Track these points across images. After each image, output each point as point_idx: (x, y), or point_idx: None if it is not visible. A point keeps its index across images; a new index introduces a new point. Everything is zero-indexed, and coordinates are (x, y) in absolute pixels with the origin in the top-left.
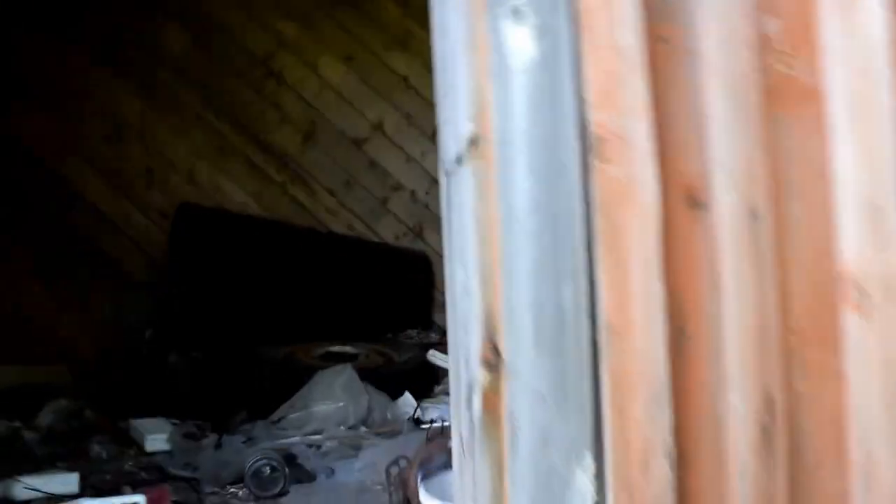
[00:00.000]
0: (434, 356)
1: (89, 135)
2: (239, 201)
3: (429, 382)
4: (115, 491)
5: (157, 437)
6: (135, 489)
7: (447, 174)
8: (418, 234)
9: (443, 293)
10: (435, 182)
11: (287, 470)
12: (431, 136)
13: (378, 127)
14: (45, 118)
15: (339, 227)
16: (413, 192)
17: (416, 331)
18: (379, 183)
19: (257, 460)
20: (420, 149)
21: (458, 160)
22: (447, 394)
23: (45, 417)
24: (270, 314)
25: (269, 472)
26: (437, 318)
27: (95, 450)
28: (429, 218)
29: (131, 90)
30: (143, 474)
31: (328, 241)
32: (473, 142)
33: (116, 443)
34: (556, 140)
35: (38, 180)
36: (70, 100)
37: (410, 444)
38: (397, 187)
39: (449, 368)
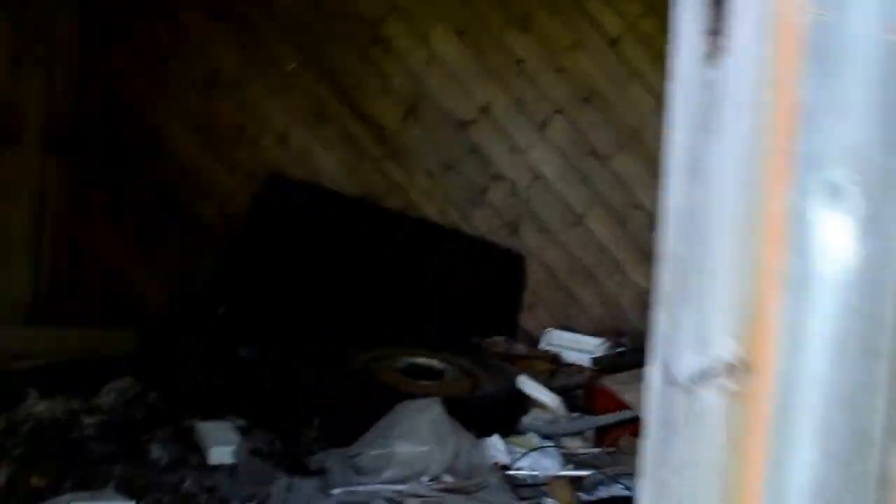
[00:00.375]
0: (524, 384)
1: (181, 83)
2: (330, 171)
3: (516, 411)
4: None
5: (222, 450)
6: None
7: (667, 382)
8: (514, 230)
9: (533, 295)
10: (538, 177)
11: None
12: (541, 125)
13: (485, 110)
14: (137, 61)
15: (431, 212)
16: (514, 185)
17: (502, 338)
18: (479, 170)
19: None
20: (527, 139)
21: (699, 379)
22: (535, 431)
23: (107, 397)
24: (350, 302)
25: None
26: (523, 320)
27: (155, 452)
28: (527, 214)
29: (230, 39)
30: (204, 499)
31: (419, 228)
32: (734, 368)
33: (178, 442)
34: (863, 391)
35: (124, 124)
36: (164, 43)
37: None
38: (498, 177)
39: None
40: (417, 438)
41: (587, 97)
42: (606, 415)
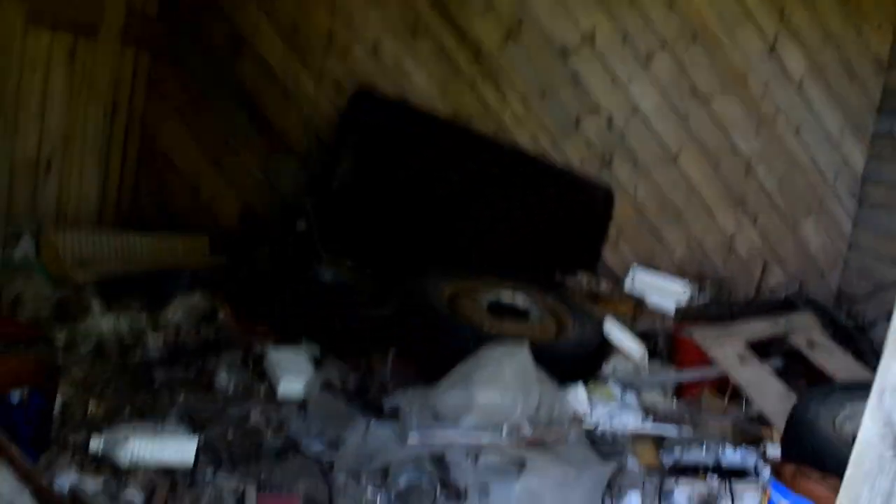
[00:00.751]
0: (610, 330)
1: None
2: (421, 87)
3: (598, 357)
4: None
5: (292, 382)
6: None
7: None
8: (606, 163)
9: (618, 231)
10: (636, 112)
11: (438, 491)
12: (645, 60)
13: (589, 38)
14: None
15: (522, 139)
16: (610, 118)
17: (586, 276)
18: (576, 100)
19: (407, 476)
20: (629, 72)
21: None
22: (618, 382)
23: (174, 314)
24: (434, 226)
25: (417, 492)
26: (605, 254)
27: (222, 380)
28: (621, 149)
29: None
30: (271, 436)
31: (508, 155)
32: None
33: (246, 369)
34: None
35: (209, 20)
36: None
37: (582, 476)
38: (594, 109)
39: None
40: (501, 386)
41: (696, 35)
42: (691, 370)
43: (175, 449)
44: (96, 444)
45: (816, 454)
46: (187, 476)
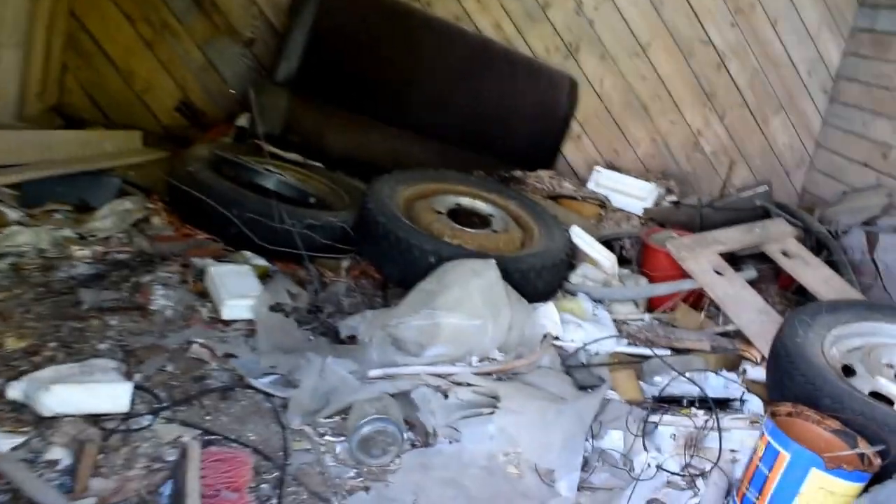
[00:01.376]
0: (578, 238)
1: None
2: None
3: (567, 268)
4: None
5: (237, 303)
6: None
7: None
8: (572, 52)
9: (581, 125)
10: (607, 0)
11: (404, 437)
12: None
13: None
14: None
15: (485, 25)
16: (580, 4)
17: (548, 173)
18: None
19: (369, 421)
20: None
21: None
22: (587, 294)
23: (103, 221)
24: (386, 119)
25: (381, 439)
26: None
27: (159, 302)
28: (589, 38)
29: None
30: (215, 368)
31: (469, 43)
32: None
33: (185, 286)
34: None
35: None
36: None
37: (562, 414)
38: None
39: None
40: (469, 310)
41: None
42: (665, 283)
43: (107, 395)
44: (15, 390)
45: (807, 383)
46: (120, 424)
